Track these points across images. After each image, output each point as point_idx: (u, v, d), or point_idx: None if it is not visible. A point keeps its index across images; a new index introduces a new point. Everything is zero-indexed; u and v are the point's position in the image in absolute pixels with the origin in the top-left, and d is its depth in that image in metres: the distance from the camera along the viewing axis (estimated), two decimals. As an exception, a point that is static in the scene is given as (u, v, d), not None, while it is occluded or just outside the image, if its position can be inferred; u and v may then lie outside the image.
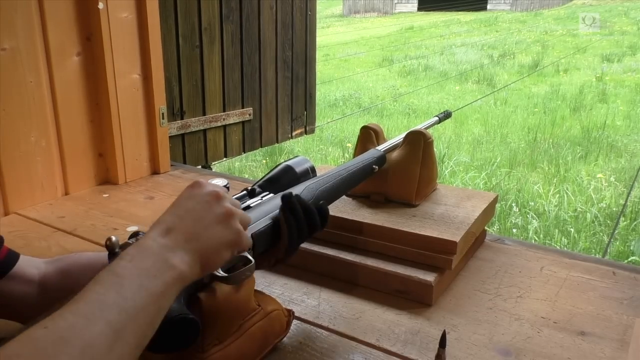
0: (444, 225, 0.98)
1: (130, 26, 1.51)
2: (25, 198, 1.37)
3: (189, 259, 0.53)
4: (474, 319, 0.88)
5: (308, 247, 1.01)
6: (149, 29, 1.53)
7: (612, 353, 0.79)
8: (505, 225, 3.37)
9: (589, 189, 3.91)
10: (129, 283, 0.48)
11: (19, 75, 1.30)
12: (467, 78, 9.20)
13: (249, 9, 3.53)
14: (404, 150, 1.09)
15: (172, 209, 0.58)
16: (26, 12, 1.29)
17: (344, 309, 0.90)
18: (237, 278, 0.62)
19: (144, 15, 1.52)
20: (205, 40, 3.24)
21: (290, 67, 4.06)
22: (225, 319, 0.68)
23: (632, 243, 3.07)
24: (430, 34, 15.87)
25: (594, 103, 7.08)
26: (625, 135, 5.56)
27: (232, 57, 3.47)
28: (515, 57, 11.15)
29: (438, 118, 1.24)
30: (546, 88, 8.23)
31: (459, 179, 4.20)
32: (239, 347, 0.70)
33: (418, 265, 0.94)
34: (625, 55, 10.71)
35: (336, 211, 1.04)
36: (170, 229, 0.55)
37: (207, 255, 0.55)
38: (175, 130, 3.10)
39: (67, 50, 1.40)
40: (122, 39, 1.48)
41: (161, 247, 0.52)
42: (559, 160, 4.65)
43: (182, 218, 0.56)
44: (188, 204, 0.57)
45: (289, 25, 3.97)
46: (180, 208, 0.57)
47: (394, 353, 0.80)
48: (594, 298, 0.94)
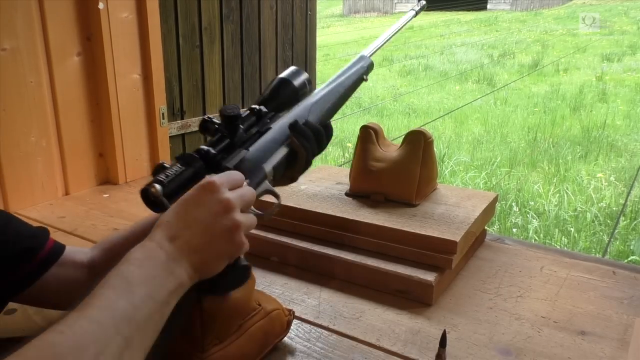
0: (444, 225, 0.98)
1: (131, 26, 1.51)
2: (26, 198, 1.37)
3: (191, 270, 0.54)
4: (474, 319, 0.88)
5: (308, 247, 1.01)
6: (149, 29, 1.54)
7: (612, 352, 0.79)
8: (505, 224, 3.37)
9: (589, 189, 3.91)
10: (139, 291, 0.49)
11: (19, 75, 1.30)
12: (467, 78, 9.19)
13: (249, 8, 3.54)
14: (404, 150, 1.09)
15: (180, 211, 0.57)
16: (26, 12, 1.29)
17: (344, 309, 0.90)
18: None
19: (144, 15, 1.52)
20: (206, 40, 3.24)
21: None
22: (226, 318, 0.68)
23: (632, 242, 3.08)
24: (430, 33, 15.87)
25: (594, 102, 7.08)
26: (625, 134, 5.56)
27: (233, 57, 3.47)
28: (515, 56, 11.14)
29: (414, 12, 1.13)
30: (546, 87, 8.23)
31: (459, 178, 4.20)
32: (239, 347, 0.70)
33: (418, 265, 0.94)
34: (625, 55, 10.70)
35: (336, 211, 1.04)
36: (176, 236, 0.55)
37: (206, 266, 0.56)
38: (175, 130, 3.10)
39: (67, 50, 1.40)
40: (122, 39, 1.49)
41: (168, 255, 0.53)
42: (559, 159, 4.65)
43: (190, 227, 0.55)
44: (197, 213, 0.56)
45: (289, 25, 3.97)
46: (188, 215, 0.56)
47: (394, 353, 0.80)
48: (594, 298, 0.94)
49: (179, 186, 0.60)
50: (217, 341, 0.68)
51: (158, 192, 0.58)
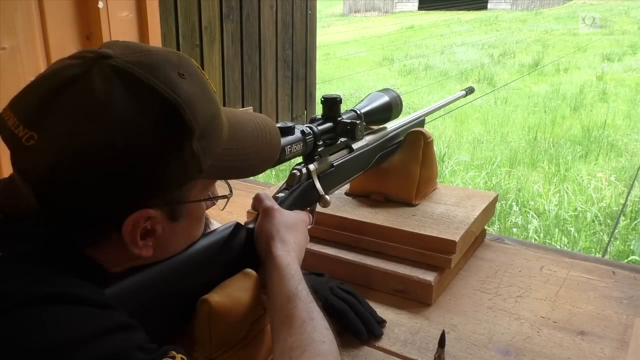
0: (443, 224, 0.98)
1: (130, 25, 1.51)
2: (25, 197, 1.37)
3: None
4: (473, 319, 0.88)
5: (308, 247, 1.01)
6: (149, 28, 1.53)
7: (611, 352, 0.79)
8: (505, 224, 3.36)
9: (589, 188, 3.90)
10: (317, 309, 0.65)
11: (18, 74, 1.30)
12: (467, 77, 9.19)
13: (249, 8, 3.53)
14: (403, 150, 1.09)
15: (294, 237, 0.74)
16: (26, 12, 1.29)
17: (343, 309, 0.90)
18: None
19: (144, 14, 1.52)
20: (206, 40, 3.24)
21: (290, 67, 4.06)
22: (233, 323, 0.67)
23: (632, 242, 3.07)
24: (430, 33, 15.87)
25: (594, 102, 7.07)
26: (625, 134, 5.55)
27: (232, 56, 3.47)
28: (515, 56, 11.14)
29: (465, 92, 1.29)
30: (546, 87, 8.22)
31: (459, 178, 4.20)
32: (248, 352, 0.70)
33: (417, 264, 0.94)
34: (626, 55, 10.69)
35: (336, 211, 1.04)
36: (299, 260, 0.73)
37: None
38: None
39: (67, 49, 1.40)
40: (122, 38, 1.48)
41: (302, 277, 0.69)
42: (559, 159, 4.64)
43: (301, 249, 0.75)
44: (299, 237, 0.76)
45: (289, 25, 3.97)
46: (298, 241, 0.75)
47: (393, 353, 0.80)
48: (594, 298, 0.94)
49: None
50: (225, 347, 0.67)
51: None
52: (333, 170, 0.92)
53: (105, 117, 0.51)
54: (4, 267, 0.50)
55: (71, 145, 0.51)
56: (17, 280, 0.49)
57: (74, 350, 0.46)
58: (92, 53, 0.54)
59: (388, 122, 1.08)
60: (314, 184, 0.86)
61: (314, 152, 0.86)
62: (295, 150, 0.81)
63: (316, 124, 0.88)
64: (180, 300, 0.65)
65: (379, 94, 1.06)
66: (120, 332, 0.50)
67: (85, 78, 0.52)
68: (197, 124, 0.55)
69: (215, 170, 0.60)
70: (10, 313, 0.46)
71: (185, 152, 0.55)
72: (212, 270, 0.68)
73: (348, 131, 0.91)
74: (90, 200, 0.53)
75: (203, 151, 0.57)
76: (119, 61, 0.53)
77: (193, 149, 0.55)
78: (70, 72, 0.53)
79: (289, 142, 0.79)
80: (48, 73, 0.55)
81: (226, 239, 0.70)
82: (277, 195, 0.82)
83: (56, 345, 0.46)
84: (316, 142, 0.86)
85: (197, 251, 0.66)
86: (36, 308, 0.47)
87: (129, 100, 0.52)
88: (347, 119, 0.93)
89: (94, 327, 0.48)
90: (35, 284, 0.49)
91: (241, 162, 0.64)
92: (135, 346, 0.49)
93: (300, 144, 0.81)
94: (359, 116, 0.96)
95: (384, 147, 1.06)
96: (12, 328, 0.46)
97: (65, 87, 0.52)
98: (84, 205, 0.53)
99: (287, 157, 0.79)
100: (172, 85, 0.54)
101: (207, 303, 0.63)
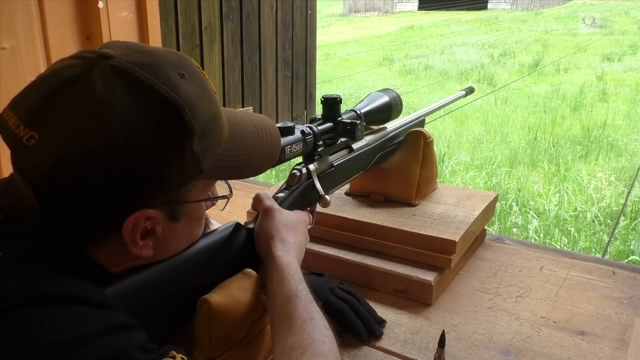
0: (443, 224, 0.98)
1: (130, 25, 1.51)
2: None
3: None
4: (473, 319, 0.88)
5: (308, 247, 1.01)
6: (149, 28, 1.53)
7: (611, 353, 0.79)
8: (505, 224, 3.36)
9: (589, 188, 3.90)
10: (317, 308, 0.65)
11: (18, 74, 1.30)
12: (467, 77, 9.18)
13: (249, 8, 3.53)
14: (403, 150, 1.09)
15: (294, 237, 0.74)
16: (26, 12, 1.29)
17: (343, 309, 0.90)
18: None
19: (144, 14, 1.52)
20: (206, 40, 3.24)
21: (290, 67, 4.06)
22: (233, 324, 0.67)
23: (632, 242, 3.07)
24: (430, 33, 15.86)
25: (594, 102, 7.07)
26: (625, 134, 5.55)
27: (232, 56, 3.47)
28: (515, 56, 11.13)
29: (465, 92, 1.29)
30: (546, 87, 8.22)
31: (459, 178, 4.20)
32: (248, 352, 0.70)
33: (417, 264, 0.94)
34: (626, 55, 10.69)
35: (336, 211, 1.04)
36: (299, 259, 0.73)
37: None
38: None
39: (66, 49, 1.40)
40: (122, 38, 1.48)
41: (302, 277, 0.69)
42: (559, 159, 4.64)
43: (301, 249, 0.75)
44: (299, 237, 0.76)
45: (289, 25, 3.97)
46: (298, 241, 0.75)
47: (393, 353, 0.80)
48: (594, 298, 0.94)
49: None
50: (225, 347, 0.67)
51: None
52: (333, 170, 0.92)
53: (106, 117, 0.51)
54: (4, 267, 0.50)
55: (72, 145, 0.51)
56: (17, 280, 0.49)
57: (73, 350, 0.46)
58: (93, 53, 0.55)
59: (388, 122, 1.08)
60: (314, 184, 0.86)
61: (314, 152, 0.86)
62: (295, 150, 0.81)
63: (316, 124, 0.88)
64: (180, 300, 0.65)
65: (379, 94, 1.06)
66: (120, 332, 0.50)
67: (85, 78, 0.52)
68: (197, 124, 0.55)
69: (216, 170, 0.61)
70: (10, 313, 0.46)
71: (186, 152, 0.55)
72: (212, 270, 0.68)
73: (348, 131, 0.91)
74: (90, 200, 0.53)
75: (203, 151, 0.57)
76: (120, 61, 0.53)
77: (193, 149, 0.56)
78: (70, 72, 0.53)
79: (289, 142, 0.79)
80: (48, 73, 0.55)
81: (226, 239, 0.70)
82: (277, 195, 0.82)
83: (56, 345, 0.46)
84: (316, 142, 0.86)
85: (197, 251, 0.66)
86: (36, 308, 0.47)
87: (130, 100, 0.52)
88: (347, 119, 0.93)
89: (93, 327, 0.48)
90: (35, 284, 0.49)
91: (241, 162, 0.64)
92: (135, 346, 0.49)
93: (300, 144, 0.82)
94: (359, 116, 0.97)
95: (384, 147, 1.06)
96: (12, 328, 0.46)
97: (66, 87, 0.52)
98: (84, 205, 0.53)
99: (287, 157, 0.80)
100: (172, 86, 0.54)
101: (207, 303, 0.63)
